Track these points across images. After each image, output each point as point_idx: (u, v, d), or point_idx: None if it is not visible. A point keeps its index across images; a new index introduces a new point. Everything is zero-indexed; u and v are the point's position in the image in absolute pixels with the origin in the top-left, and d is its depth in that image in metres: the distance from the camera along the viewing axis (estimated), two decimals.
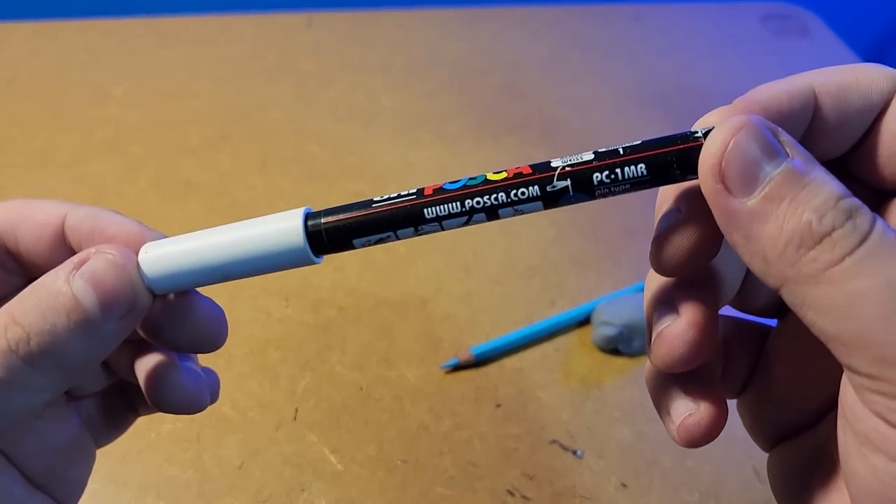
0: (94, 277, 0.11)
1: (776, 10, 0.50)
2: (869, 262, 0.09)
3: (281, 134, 0.35)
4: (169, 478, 0.21)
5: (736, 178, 0.09)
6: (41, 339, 0.11)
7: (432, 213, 0.11)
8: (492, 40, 0.44)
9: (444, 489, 0.22)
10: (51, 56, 0.37)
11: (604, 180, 0.10)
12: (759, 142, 0.10)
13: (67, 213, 0.13)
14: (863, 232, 0.09)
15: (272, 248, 0.11)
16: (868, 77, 0.11)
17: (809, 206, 0.09)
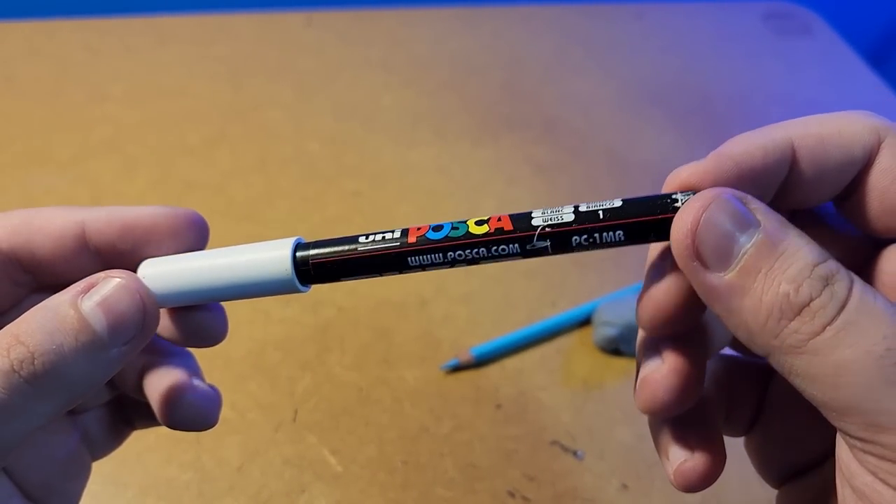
0: (104, 300, 0.11)
1: (778, 9, 0.50)
2: (850, 331, 0.09)
3: (280, 133, 0.35)
4: (169, 479, 0.21)
5: (710, 255, 0.09)
6: (46, 360, 0.10)
7: (415, 260, 0.11)
8: (492, 39, 0.44)
9: (445, 490, 0.22)
10: (49, 55, 0.37)
11: (582, 243, 0.11)
12: (729, 215, 0.09)
13: (85, 218, 0.13)
14: (841, 299, 0.09)
15: (262, 276, 0.12)
16: (850, 128, 0.11)
17: (785, 277, 0.09)
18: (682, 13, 0.48)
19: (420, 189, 0.33)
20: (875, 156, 0.11)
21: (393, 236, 0.12)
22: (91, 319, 0.11)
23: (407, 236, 0.11)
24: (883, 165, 0.10)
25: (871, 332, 0.09)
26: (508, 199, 0.33)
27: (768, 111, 0.41)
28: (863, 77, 0.45)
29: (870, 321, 0.09)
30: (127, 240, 0.13)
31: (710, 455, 0.12)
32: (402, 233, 0.12)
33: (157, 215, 0.13)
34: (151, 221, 0.12)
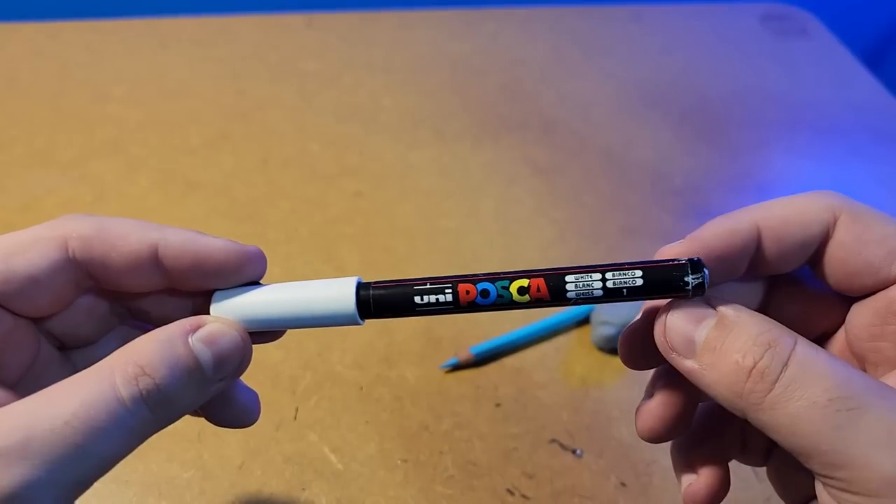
0: (212, 341, 0.13)
1: (775, 11, 0.50)
2: (794, 387, 0.11)
3: (281, 134, 0.35)
4: (170, 477, 0.21)
5: (680, 347, 0.12)
6: (167, 391, 0.12)
7: (461, 314, 0.13)
8: (492, 40, 0.44)
9: (444, 488, 0.22)
10: (52, 56, 0.38)
11: (593, 299, 0.13)
12: (688, 315, 0.12)
13: (159, 241, 0.14)
14: (782, 359, 0.11)
15: (329, 311, 0.13)
16: (809, 209, 0.13)
17: (734, 348, 0.11)
18: (679, 15, 0.49)
19: (420, 189, 0.33)
20: (832, 231, 0.13)
21: (445, 299, 0.13)
22: (201, 357, 0.12)
23: (458, 300, 0.13)
24: (838, 240, 0.13)
25: (813, 385, 0.11)
26: (508, 199, 0.33)
27: (765, 112, 0.41)
28: (859, 78, 0.45)
29: (811, 376, 0.11)
30: (197, 269, 0.14)
31: (713, 480, 0.14)
32: (453, 295, 0.13)
33: (230, 252, 0.14)
34: (224, 257, 0.14)
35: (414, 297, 0.13)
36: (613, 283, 0.12)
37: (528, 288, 0.13)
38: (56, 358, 0.15)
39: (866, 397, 0.11)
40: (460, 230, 0.31)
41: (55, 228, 0.13)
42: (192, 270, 0.14)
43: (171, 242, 0.13)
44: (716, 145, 0.38)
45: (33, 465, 0.11)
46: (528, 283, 0.13)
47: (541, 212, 0.32)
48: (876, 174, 0.38)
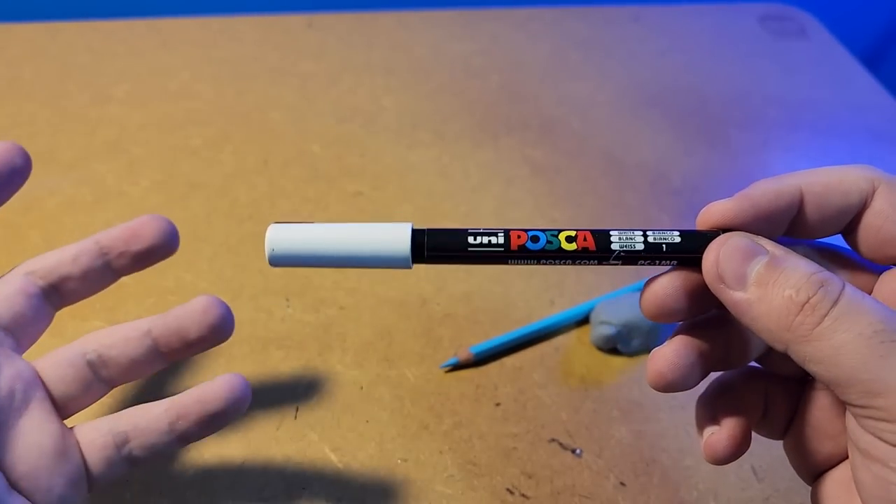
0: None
1: (774, 12, 0.50)
2: (843, 320, 0.12)
3: (282, 134, 0.35)
4: (171, 476, 0.21)
5: (731, 279, 0.13)
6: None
7: (513, 261, 0.14)
8: (492, 41, 0.44)
9: (444, 487, 0.22)
10: (53, 57, 0.38)
11: (644, 264, 0.14)
12: (740, 249, 0.13)
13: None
14: (833, 296, 0.12)
15: (383, 251, 0.14)
16: (850, 178, 0.14)
17: (788, 284, 0.12)
18: (678, 15, 0.49)
19: (420, 189, 0.33)
20: (870, 200, 0.14)
21: (497, 241, 0.14)
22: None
23: (510, 243, 0.13)
24: (876, 209, 0.14)
25: (860, 319, 0.11)
26: (508, 199, 0.33)
27: (765, 112, 0.41)
28: (858, 78, 0.45)
29: (859, 312, 0.12)
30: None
31: (736, 432, 0.14)
32: (505, 238, 0.14)
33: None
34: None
35: (467, 238, 0.14)
36: (654, 239, 0.13)
37: (574, 238, 0.13)
38: None
39: None
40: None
41: None
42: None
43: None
44: (715, 145, 0.38)
45: None
46: (576, 233, 0.14)
47: (540, 212, 0.32)
48: None
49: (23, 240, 0.28)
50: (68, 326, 0.25)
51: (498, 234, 0.14)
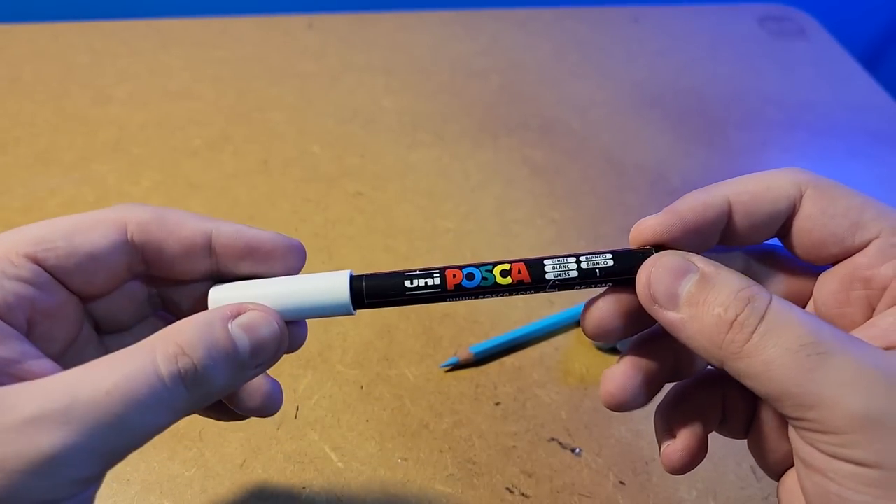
0: (251, 328, 0.13)
1: (773, 12, 0.51)
2: (770, 335, 0.12)
3: (282, 135, 0.35)
4: (172, 476, 0.21)
5: (664, 299, 0.13)
6: (204, 373, 0.13)
7: (451, 299, 0.14)
8: (491, 42, 0.44)
9: (444, 487, 0.22)
10: (54, 57, 0.38)
11: (579, 288, 0.14)
12: (671, 269, 0.13)
13: (213, 230, 0.15)
14: (760, 312, 0.12)
15: (325, 302, 0.14)
16: (777, 184, 0.14)
17: (717, 303, 0.12)
18: (678, 16, 0.49)
19: (420, 190, 0.33)
20: (799, 205, 0.14)
21: (433, 282, 0.14)
22: (238, 343, 0.13)
23: (445, 283, 0.14)
24: (805, 213, 0.14)
25: (787, 334, 0.12)
26: (507, 199, 0.33)
27: (763, 113, 0.41)
28: (857, 79, 0.45)
29: (786, 326, 0.12)
30: (247, 257, 0.15)
31: (691, 443, 0.15)
32: (441, 278, 0.14)
33: (277, 242, 0.15)
34: (271, 247, 0.15)
35: (404, 282, 0.14)
36: (587, 265, 0.14)
37: (509, 271, 0.14)
38: (94, 339, 0.15)
39: (834, 343, 0.11)
40: (460, 230, 0.31)
41: (117, 212, 0.14)
42: (242, 258, 0.15)
43: (223, 231, 0.15)
44: (714, 146, 0.38)
45: (74, 430, 0.11)
46: (510, 266, 0.14)
47: (540, 212, 0.32)
48: (874, 174, 0.38)
49: None
50: None
51: (434, 274, 0.14)
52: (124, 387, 0.12)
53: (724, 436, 0.16)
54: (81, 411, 0.11)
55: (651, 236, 0.14)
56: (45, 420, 0.11)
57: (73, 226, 0.14)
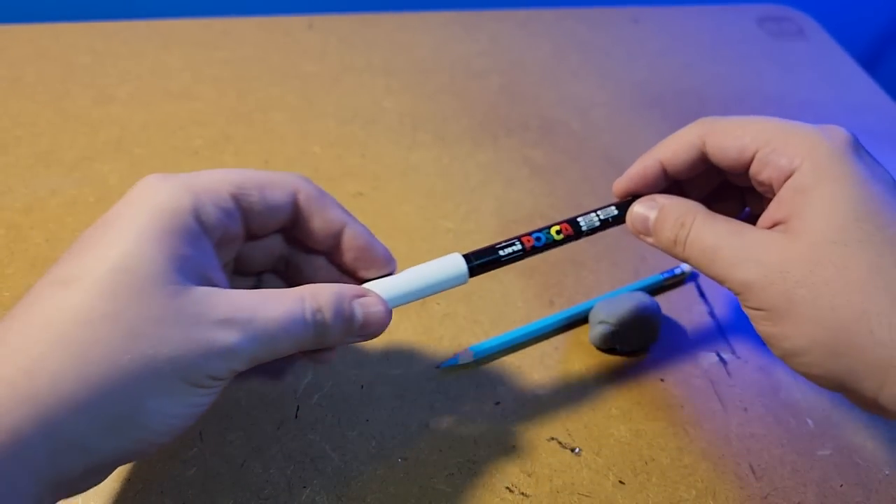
0: (367, 308, 0.18)
1: (772, 13, 0.51)
2: (690, 245, 0.20)
3: (284, 135, 0.35)
4: (173, 475, 0.21)
5: (641, 230, 0.22)
6: (327, 329, 0.17)
7: (528, 256, 0.21)
8: (492, 43, 0.44)
9: (444, 486, 0.22)
10: (55, 58, 0.38)
11: (602, 230, 0.22)
12: (642, 208, 0.22)
13: (349, 223, 0.19)
14: (687, 230, 0.20)
15: (448, 278, 0.20)
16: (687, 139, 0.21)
17: (666, 227, 0.21)
18: (677, 17, 0.49)
19: (421, 190, 0.33)
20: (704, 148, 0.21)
21: (517, 247, 0.21)
22: (356, 316, 0.18)
23: (524, 246, 0.21)
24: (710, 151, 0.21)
25: (699, 243, 0.20)
26: (507, 199, 0.33)
27: (763, 113, 0.41)
28: (856, 79, 0.45)
29: (698, 238, 0.20)
30: (360, 256, 0.20)
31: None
32: (520, 244, 0.21)
33: (386, 253, 0.20)
34: (381, 255, 0.20)
35: (498, 251, 0.21)
36: (603, 215, 0.22)
37: (560, 230, 0.21)
38: (228, 273, 0.20)
39: (721, 240, 0.19)
40: (460, 230, 0.31)
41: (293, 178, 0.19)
42: (357, 255, 0.19)
43: (355, 228, 0.19)
44: None
45: (248, 337, 0.16)
46: (560, 227, 0.22)
47: (540, 212, 0.33)
48: None
49: (25, 240, 0.28)
50: None
51: (515, 242, 0.21)
52: (283, 319, 0.16)
53: None
54: (256, 326, 0.16)
55: (618, 191, 0.23)
56: (232, 323, 0.15)
57: (265, 180, 0.18)
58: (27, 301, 0.14)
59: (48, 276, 0.15)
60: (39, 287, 0.15)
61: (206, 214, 0.16)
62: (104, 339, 0.14)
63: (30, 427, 0.13)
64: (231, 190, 0.17)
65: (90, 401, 0.14)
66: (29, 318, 0.14)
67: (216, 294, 0.16)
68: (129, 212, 0.16)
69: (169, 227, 0.15)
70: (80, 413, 0.14)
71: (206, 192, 0.17)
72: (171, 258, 0.15)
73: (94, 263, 0.15)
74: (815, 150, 0.19)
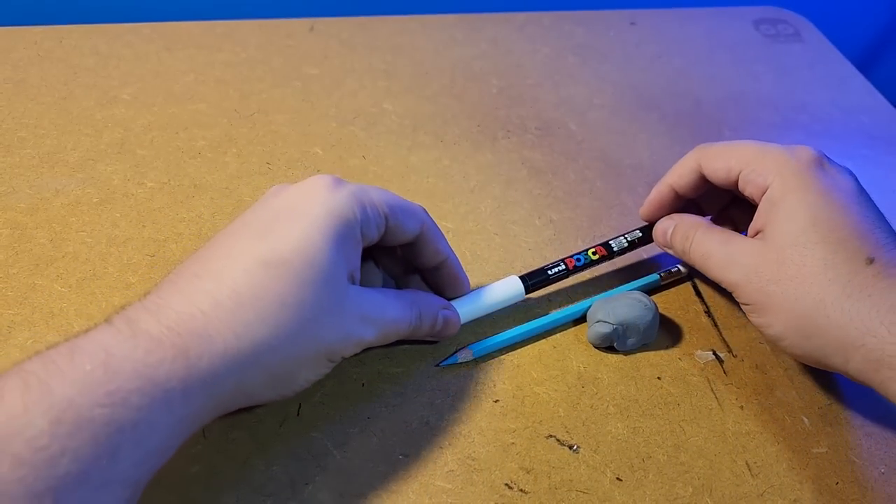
0: (447, 319, 0.24)
1: (769, 15, 0.51)
2: (693, 252, 0.26)
3: (285, 136, 0.35)
4: (177, 472, 0.22)
5: (662, 243, 0.28)
6: (420, 329, 0.23)
7: (571, 275, 0.27)
8: (491, 46, 0.44)
9: (444, 482, 0.22)
10: (59, 60, 0.38)
11: (625, 248, 0.28)
12: (662, 225, 0.28)
13: (448, 256, 0.24)
14: (690, 243, 0.26)
15: (510, 298, 0.26)
16: (688, 165, 0.27)
17: (677, 241, 0.27)
18: (674, 19, 0.49)
19: (421, 191, 0.33)
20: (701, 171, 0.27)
21: (561, 268, 0.27)
22: (437, 325, 0.24)
23: (568, 267, 0.27)
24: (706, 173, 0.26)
25: (698, 251, 0.26)
26: (506, 200, 0.33)
27: (759, 115, 0.42)
28: (853, 81, 0.46)
29: (698, 247, 0.25)
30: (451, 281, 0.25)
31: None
32: (564, 265, 0.27)
33: (466, 284, 0.26)
34: (462, 284, 0.25)
35: (547, 271, 0.26)
36: (630, 238, 0.28)
37: (595, 252, 0.27)
38: None
39: (714, 248, 0.25)
40: (460, 230, 0.31)
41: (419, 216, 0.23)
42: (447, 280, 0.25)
43: (451, 261, 0.24)
44: None
45: (375, 332, 0.21)
46: (595, 249, 0.28)
47: (538, 213, 0.33)
48: (869, 176, 0.38)
49: (29, 240, 0.28)
50: (74, 325, 0.25)
51: (560, 264, 0.27)
52: (399, 319, 0.22)
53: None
54: (382, 323, 0.21)
55: (644, 216, 0.29)
56: (369, 320, 0.20)
57: (407, 208, 0.22)
58: (233, 266, 0.18)
59: (250, 251, 0.18)
60: (243, 260, 0.18)
61: (367, 228, 0.20)
62: (293, 320, 0.18)
63: (227, 373, 0.17)
64: (386, 210, 0.21)
65: (270, 365, 0.18)
66: (240, 289, 0.18)
67: (361, 293, 0.20)
68: (311, 210, 0.19)
69: (342, 233, 0.19)
70: (260, 372, 0.18)
71: (371, 207, 0.20)
72: (342, 260, 0.19)
73: (287, 253, 0.18)
74: (783, 168, 0.23)
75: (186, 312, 0.17)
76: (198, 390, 0.17)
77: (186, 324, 0.17)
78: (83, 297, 0.26)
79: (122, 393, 0.15)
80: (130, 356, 0.16)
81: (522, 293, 0.26)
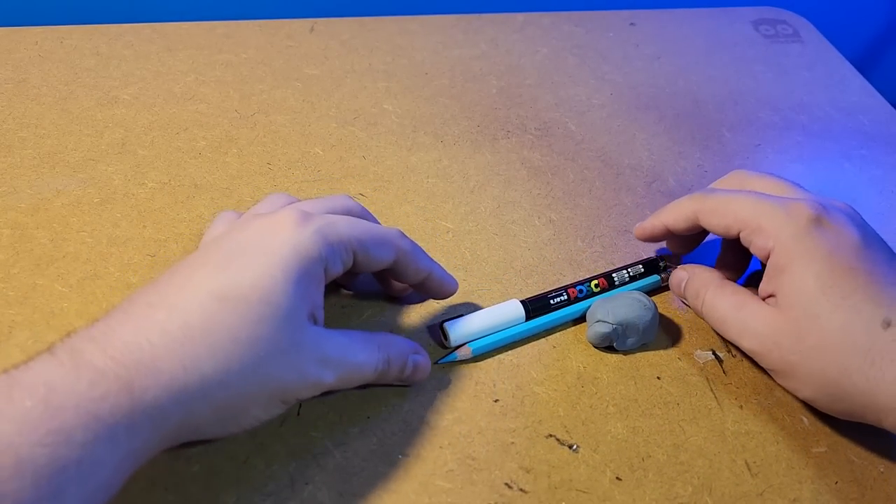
0: (416, 365, 0.23)
1: (768, 15, 0.51)
2: (705, 308, 0.26)
3: (286, 137, 0.35)
4: (176, 471, 0.22)
5: (678, 292, 0.28)
6: (386, 373, 0.22)
7: (574, 303, 0.27)
8: (490, 46, 0.45)
9: (444, 482, 0.22)
10: (60, 60, 0.38)
11: (626, 282, 0.28)
12: (677, 276, 0.28)
13: (431, 270, 0.24)
14: (702, 299, 0.26)
15: (510, 320, 0.26)
16: (683, 213, 0.27)
17: (690, 294, 0.27)
18: (673, 20, 0.50)
19: (421, 191, 0.33)
20: (697, 223, 0.26)
21: (564, 297, 0.27)
22: (406, 371, 0.23)
23: (570, 297, 0.27)
24: (704, 225, 0.26)
25: (712, 310, 0.26)
26: (506, 200, 0.34)
27: (758, 115, 0.42)
28: (852, 81, 0.46)
29: (711, 304, 0.26)
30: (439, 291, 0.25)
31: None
32: (566, 294, 0.27)
33: (454, 288, 0.26)
34: (452, 289, 0.26)
35: (549, 299, 0.27)
36: (632, 272, 0.28)
37: (598, 284, 0.27)
38: None
39: (728, 312, 0.25)
40: (459, 231, 0.31)
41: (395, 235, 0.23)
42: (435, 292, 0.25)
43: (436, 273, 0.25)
44: (709, 148, 0.38)
45: (334, 375, 0.20)
46: (598, 280, 0.28)
47: (537, 213, 0.33)
48: (868, 175, 0.38)
49: (30, 240, 0.28)
50: (74, 325, 0.25)
51: (563, 292, 0.27)
52: (363, 364, 0.21)
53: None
54: (343, 366, 0.20)
55: (638, 236, 0.28)
56: (329, 363, 0.20)
57: (378, 237, 0.22)
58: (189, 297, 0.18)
59: (206, 283, 0.18)
60: (198, 292, 0.18)
61: (332, 266, 0.20)
62: (245, 357, 0.17)
63: (173, 407, 0.17)
64: (355, 246, 0.21)
65: (218, 401, 0.18)
66: (192, 321, 0.17)
67: (321, 334, 0.20)
68: (274, 246, 0.19)
69: (305, 271, 0.19)
70: (208, 408, 0.17)
71: (338, 244, 0.20)
72: (302, 299, 0.19)
73: (245, 288, 0.18)
74: (781, 232, 0.23)
75: (134, 342, 0.16)
76: (143, 424, 0.16)
77: (133, 354, 0.16)
78: (84, 297, 0.26)
79: (65, 430, 0.14)
80: (73, 390, 0.15)
81: (522, 317, 0.26)
